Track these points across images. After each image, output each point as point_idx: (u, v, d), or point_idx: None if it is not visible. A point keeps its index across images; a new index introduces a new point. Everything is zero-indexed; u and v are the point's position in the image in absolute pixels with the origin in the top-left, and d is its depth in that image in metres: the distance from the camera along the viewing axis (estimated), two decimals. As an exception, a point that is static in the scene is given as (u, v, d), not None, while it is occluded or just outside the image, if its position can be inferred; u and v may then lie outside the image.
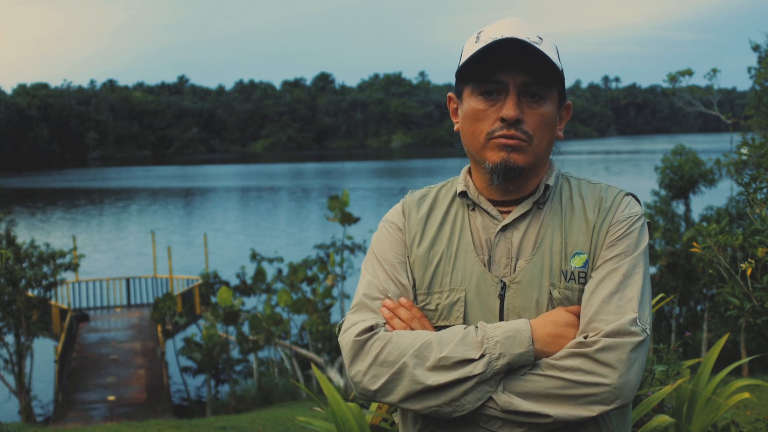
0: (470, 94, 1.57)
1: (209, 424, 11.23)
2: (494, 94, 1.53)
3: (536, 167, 1.59)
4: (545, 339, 1.47)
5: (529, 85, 1.52)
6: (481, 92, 1.55)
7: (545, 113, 1.54)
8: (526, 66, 1.51)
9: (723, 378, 3.36)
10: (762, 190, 3.52)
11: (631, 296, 1.49)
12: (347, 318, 1.60)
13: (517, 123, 1.52)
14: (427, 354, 1.47)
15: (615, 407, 1.44)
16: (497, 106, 1.53)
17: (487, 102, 1.54)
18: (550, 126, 1.57)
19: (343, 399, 2.98)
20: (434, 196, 1.70)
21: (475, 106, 1.55)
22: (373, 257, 1.66)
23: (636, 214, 1.58)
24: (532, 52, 1.50)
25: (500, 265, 1.57)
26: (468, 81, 1.58)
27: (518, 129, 1.52)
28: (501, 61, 1.51)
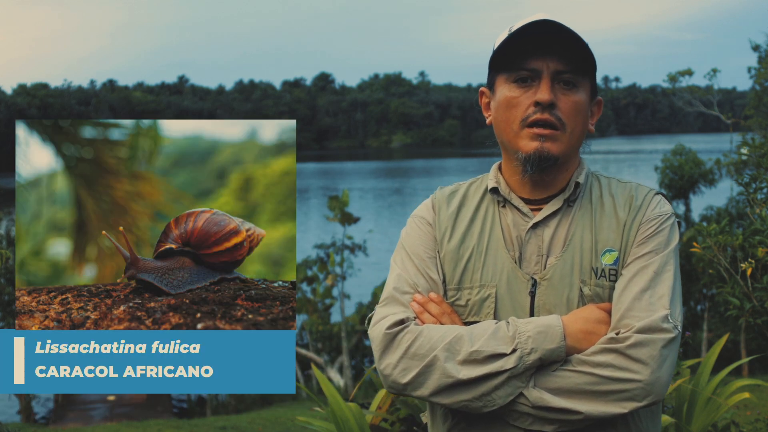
0: (504, 82, 1.58)
1: (209, 424, 11.23)
2: (528, 80, 1.54)
3: (568, 160, 1.60)
4: (577, 335, 1.47)
5: (563, 72, 1.53)
6: (514, 80, 1.55)
7: (578, 101, 1.55)
8: (559, 52, 1.52)
9: (723, 378, 3.36)
10: (762, 190, 3.52)
11: (662, 293, 1.49)
12: (377, 311, 1.60)
13: (552, 107, 1.52)
14: (458, 348, 1.47)
15: (646, 404, 1.44)
16: (531, 92, 1.54)
17: (521, 89, 1.55)
18: (582, 115, 1.57)
19: (343, 399, 2.98)
20: (464, 193, 1.70)
21: (509, 94, 1.56)
22: (403, 251, 1.66)
23: (666, 213, 1.59)
24: (566, 36, 1.51)
25: (531, 262, 1.57)
26: (501, 70, 1.58)
27: (552, 113, 1.53)
28: (534, 46, 1.52)
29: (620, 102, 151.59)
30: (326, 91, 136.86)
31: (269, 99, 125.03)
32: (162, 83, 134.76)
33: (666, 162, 18.51)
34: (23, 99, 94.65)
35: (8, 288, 14.20)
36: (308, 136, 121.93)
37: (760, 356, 5.15)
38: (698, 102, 22.69)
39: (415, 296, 1.59)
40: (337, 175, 71.04)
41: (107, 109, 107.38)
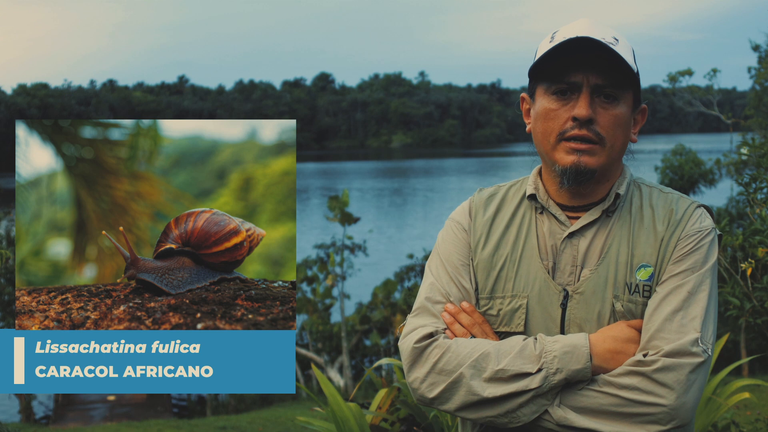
0: (543, 93, 1.56)
1: (209, 424, 11.23)
2: (567, 93, 1.52)
3: (608, 171, 1.57)
4: (604, 355, 1.46)
5: (603, 86, 1.51)
6: (553, 92, 1.53)
7: (618, 114, 1.52)
8: (599, 66, 1.50)
9: (723, 378, 3.36)
10: (762, 190, 3.52)
11: (694, 315, 1.47)
12: (408, 321, 1.60)
13: (590, 123, 1.50)
14: (484, 365, 1.47)
15: (671, 428, 1.43)
16: (570, 105, 1.52)
17: (559, 101, 1.53)
18: (623, 128, 1.55)
19: (343, 399, 2.98)
20: (503, 196, 1.68)
21: (548, 106, 1.54)
22: (437, 258, 1.65)
23: (706, 228, 1.54)
24: (606, 52, 1.48)
25: (564, 273, 1.55)
26: (541, 80, 1.56)
27: (590, 129, 1.51)
28: (575, 60, 1.50)
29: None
30: (326, 91, 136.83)
31: (269, 99, 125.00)
32: (162, 83, 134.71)
33: (666, 162, 18.51)
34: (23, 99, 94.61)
35: (8, 288, 14.20)
36: (308, 136, 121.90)
37: (760, 356, 5.14)
38: (698, 102, 22.69)
39: (447, 306, 1.58)
40: (337, 175, 71.02)
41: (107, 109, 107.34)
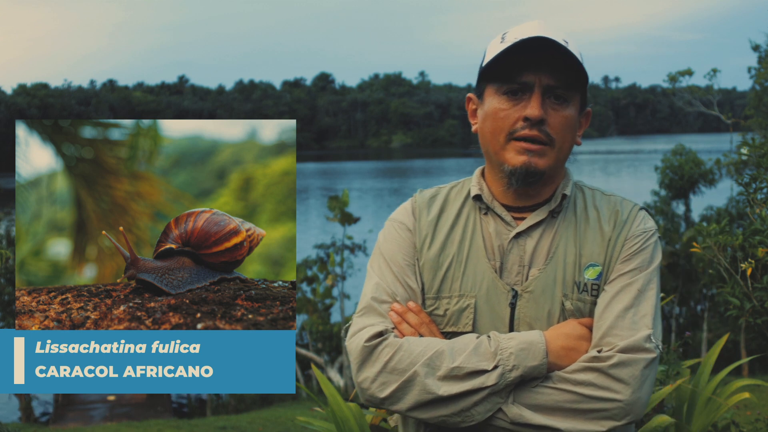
0: (493, 93, 1.55)
1: (209, 424, 11.23)
2: (518, 93, 1.52)
3: (555, 173, 1.58)
4: (559, 352, 1.46)
5: (555, 87, 1.50)
6: (504, 91, 1.53)
7: (568, 116, 1.53)
8: (552, 67, 1.50)
9: (723, 378, 3.36)
10: (762, 190, 3.52)
11: (645, 312, 1.49)
12: (354, 321, 1.57)
13: (541, 123, 1.50)
14: (438, 363, 1.45)
15: (625, 423, 1.44)
16: (521, 105, 1.51)
17: (510, 101, 1.52)
18: (572, 130, 1.55)
19: (343, 399, 2.98)
20: (445, 197, 1.67)
21: (498, 106, 1.53)
22: (381, 258, 1.62)
23: (651, 229, 1.57)
24: (560, 52, 1.48)
25: (512, 273, 1.55)
26: (492, 80, 1.55)
27: (540, 130, 1.50)
28: (527, 60, 1.50)
29: (620, 102, 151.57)
30: (326, 91, 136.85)
31: (269, 99, 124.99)
32: (162, 83, 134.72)
33: (666, 162, 18.52)
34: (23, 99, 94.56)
35: (8, 288, 14.20)
36: (308, 136, 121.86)
37: (760, 356, 5.13)
38: (698, 102, 22.69)
39: (393, 306, 1.56)
40: (337, 175, 71.01)
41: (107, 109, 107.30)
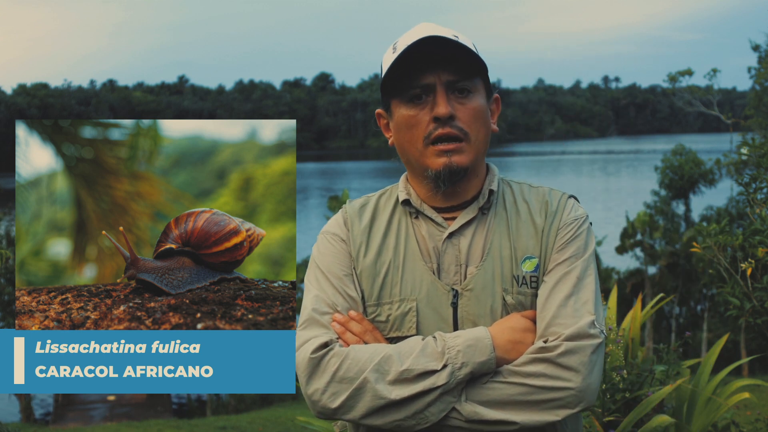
0: (399, 103, 1.56)
1: (209, 424, 11.24)
2: (423, 97, 1.53)
3: (476, 166, 1.58)
4: (505, 346, 1.47)
5: (455, 81, 1.51)
6: (408, 99, 1.53)
7: (476, 107, 1.54)
8: (447, 62, 1.50)
9: (723, 378, 3.36)
10: (762, 190, 3.52)
11: (586, 299, 1.50)
12: (298, 335, 1.56)
13: (451, 119, 1.51)
14: (387, 368, 1.44)
15: (579, 410, 1.45)
16: (428, 107, 1.52)
17: (417, 107, 1.53)
18: (482, 119, 1.55)
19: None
20: (374, 205, 1.67)
21: (407, 113, 1.54)
22: (318, 270, 1.62)
23: (581, 216, 1.58)
24: (451, 46, 1.49)
25: (450, 273, 1.55)
26: (394, 92, 1.56)
27: (452, 126, 1.51)
28: (422, 63, 1.50)
29: (620, 102, 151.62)
30: (326, 91, 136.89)
31: (269, 99, 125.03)
32: (162, 83, 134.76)
33: (666, 162, 18.53)
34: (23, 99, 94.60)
35: (8, 288, 14.20)
36: (308, 136, 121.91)
37: (760, 356, 5.14)
38: (698, 102, 22.69)
39: (335, 316, 1.55)
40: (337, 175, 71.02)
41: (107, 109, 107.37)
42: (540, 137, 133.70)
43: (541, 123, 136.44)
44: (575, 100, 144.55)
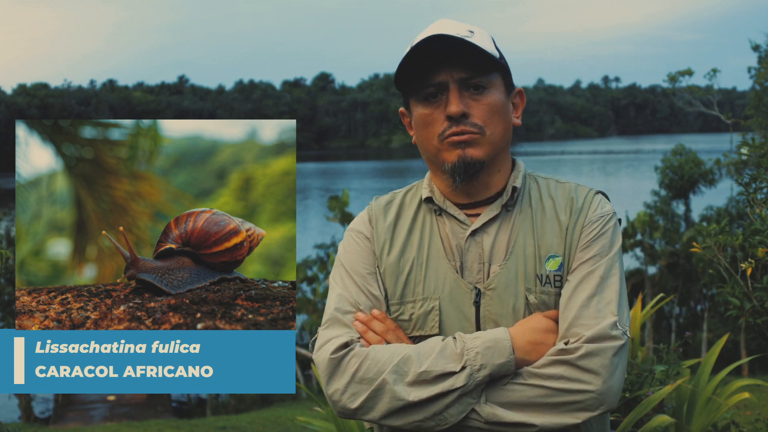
0: (416, 102, 1.56)
1: (209, 424, 11.24)
2: (437, 95, 1.53)
3: (496, 160, 1.57)
4: (525, 347, 1.45)
5: (468, 78, 1.51)
6: (424, 98, 1.54)
7: (491, 102, 1.53)
8: (459, 60, 1.50)
9: (723, 378, 3.36)
10: (762, 190, 3.52)
11: (609, 299, 1.47)
12: (320, 334, 1.56)
13: (464, 117, 1.51)
14: (406, 369, 1.44)
15: (600, 413, 1.43)
16: (442, 106, 1.52)
17: (431, 106, 1.53)
18: (500, 114, 1.54)
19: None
20: (400, 202, 1.67)
21: (422, 112, 1.55)
22: (342, 269, 1.62)
23: (608, 213, 1.56)
24: (463, 46, 1.49)
25: (473, 271, 1.54)
26: (410, 91, 1.57)
27: (466, 124, 1.51)
28: (433, 61, 1.50)
29: (620, 102, 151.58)
30: (326, 91, 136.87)
31: (269, 99, 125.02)
32: (162, 83, 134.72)
33: (666, 162, 18.53)
34: (23, 99, 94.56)
35: (8, 288, 14.20)
36: (308, 136, 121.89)
37: (760, 356, 5.14)
38: (698, 102, 22.69)
39: (357, 315, 1.55)
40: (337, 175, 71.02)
41: (107, 109, 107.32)
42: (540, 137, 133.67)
43: (541, 123, 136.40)
44: (575, 100, 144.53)
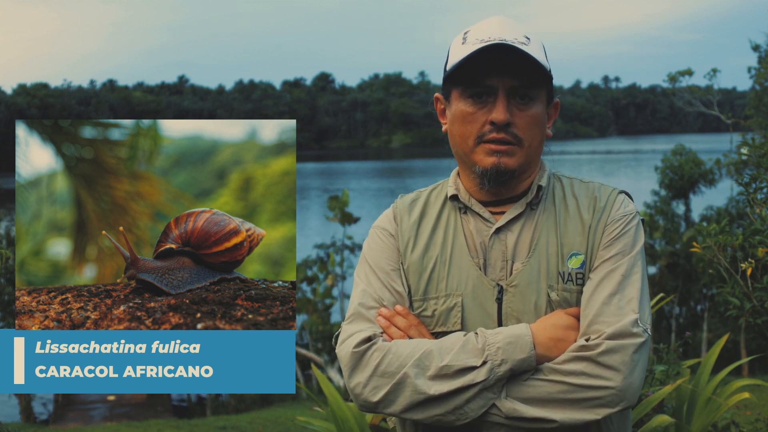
0: (459, 96, 1.57)
1: (209, 424, 11.24)
2: (483, 96, 1.53)
3: (527, 168, 1.59)
4: (547, 343, 1.46)
5: (518, 88, 1.52)
6: (469, 95, 1.54)
7: (534, 114, 1.54)
8: (514, 69, 1.51)
9: (723, 378, 3.36)
10: (762, 190, 3.52)
11: (631, 296, 1.48)
12: (343, 329, 1.58)
13: (507, 126, 1.52)
14: (428, 363, 1.45)
15: (620, 409, 1.44)
16: (486, 108, 1.53)
17: (476, 105, 1.54)
18: (540, 126, 1.56)
19: (343, 399, 2.98)
20: (425, 200, 1.68)
21: (464, 109, 1.55)
22: (366, 265, 1.64)
23: (631, 213, 1.57)
24: (520, 56, 1.49)
25: (496, 269, 1.56)
26: (456, 84, 1.57)
27: (508, 132, 1.52)
28: (490, 64, 1.51)
29: (620, 102, 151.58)
30: (326, 91, 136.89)
31: (269, 99, 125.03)
32: (162, 83, 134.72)
33: (666, 162, 18.52)
34: (23, 99, 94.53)
35: (8, 288, 14.21)
36: (308, 136, 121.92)
37: (760, 356, 5.15)
38: (698, 102, 22.69)
39: (380, 310, 1.57)
40: (337, 175, 71.04)
41: (107, 109, 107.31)
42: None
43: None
44: (575, 100, 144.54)
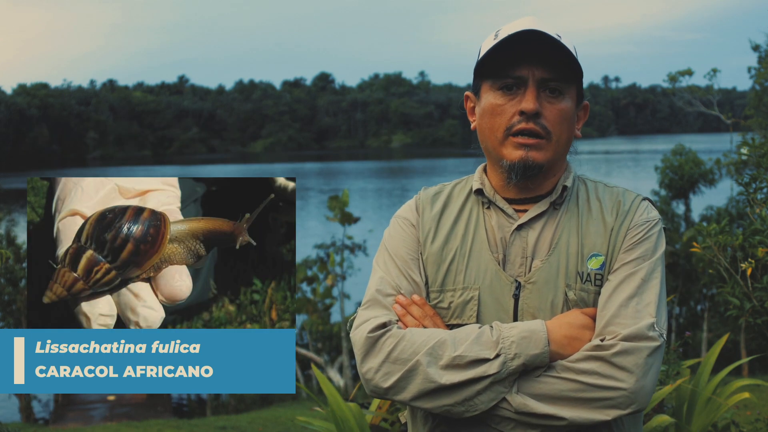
0: (489, 89, 1.57)
1: (209, 424, 11.24)
2: (513, 88, 1.53)
3: (554, 165, 1.59)
4: (561, 341, 1.46)
5: (549, 80, 1.52)
6: (499, 87, 1.54)
7: (564, 108, 1.54)
8: (545, 60, 1.51)
9: (723, 378, 3.36)
10: (762, 190, 3.52)
11: (648, 301, 1.49)
12: (359, 314, 1.58)
13: (536, 116, 1.51)
14: (441, 352, 1.45)
15: (630, 412, 1.43)
16: (516, 100, 1.53)
17: (506, 96, 1.54)
18: (568, 122, 1.56)
19: (343, 399, 2.99)
20: (448, 194, 1.69)
21: (494, 101, 1.55)
22: (386, 253, 1.64)
23: (654, 219, 1.57)
24: (552, 45, 1.50)
25: (515, 265, 1.56)
26: (487, 76, 1.57)
27: (537, 123, 1.52)
28: (520, 55, 1.51)
29: (620, 102, 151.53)
30: (326, 91, 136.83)
31: (269, 99, 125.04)
32: (162, 83, 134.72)
33: (666, 162, 18.53)
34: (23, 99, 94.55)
35: (8, 288, 14.21)
36: (308, 136, 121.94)
37: (760, 356, 5.15)
38: (698, 102, 22.69)
39: (397, 298, 1.57)
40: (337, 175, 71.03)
41: (107, 109, 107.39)
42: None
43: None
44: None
